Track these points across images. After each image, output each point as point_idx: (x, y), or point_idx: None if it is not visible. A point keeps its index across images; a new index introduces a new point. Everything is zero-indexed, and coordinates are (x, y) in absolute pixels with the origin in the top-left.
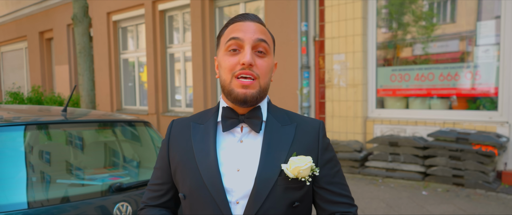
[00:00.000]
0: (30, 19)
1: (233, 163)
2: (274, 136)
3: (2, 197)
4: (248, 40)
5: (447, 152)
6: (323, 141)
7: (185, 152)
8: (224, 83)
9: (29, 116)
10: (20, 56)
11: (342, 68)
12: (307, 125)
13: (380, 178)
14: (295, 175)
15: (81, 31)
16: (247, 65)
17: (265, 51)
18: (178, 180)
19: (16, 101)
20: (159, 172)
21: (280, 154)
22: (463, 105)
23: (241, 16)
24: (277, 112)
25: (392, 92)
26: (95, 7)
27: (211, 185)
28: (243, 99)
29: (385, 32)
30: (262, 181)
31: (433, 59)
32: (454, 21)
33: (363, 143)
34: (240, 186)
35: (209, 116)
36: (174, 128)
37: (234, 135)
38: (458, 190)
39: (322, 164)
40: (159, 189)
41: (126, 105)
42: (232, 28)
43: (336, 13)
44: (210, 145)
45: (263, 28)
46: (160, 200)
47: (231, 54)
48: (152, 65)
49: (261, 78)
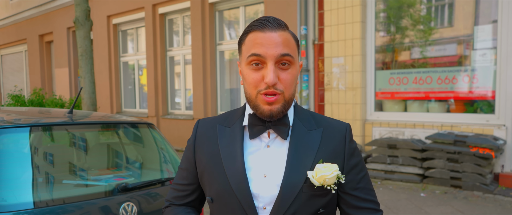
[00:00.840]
0: (30, 22)
1: (260, 169)
2: (300, 141)
3: (9, 197)
4: (270, 57)
5: (445, 154)
6: (349, 146)
7: (212, 155)
8: (250, 98)
9: (34, 118)
10: (20, 59)
11: (341, 71)
12: (333, 129)
13: (379, 180)
14: (321, 183)
15: (83, 34)
16: (270, 85)
17: (289, 62)
18: (205, 184)
19: (18, 104)
20: (185, 173)
21: (306, 160)
22: (461, 108)
23: (261, 23)
24: (304, 115)
25: (390, 95)
26: (96, 10)
27: (238, 190)
28: (269, 115)
29: (383, 36)
30: (288, 187)
31: (431, 63)
32: (452, 25)
33: (362, 145)
34: (267, 191)
35: (235, 119)
36: (200, 129)
37: (261, 140)
38: (456, 192)
39: (348, 170)
40: (185, 189)
41: (126, 108)
42: (253, 40)
43: (335, 17)
44: (237, 150)
45: (286, 36)
46: (186, 199)
47: (254, 69)
48: (152, 68)
49: (286, 92)
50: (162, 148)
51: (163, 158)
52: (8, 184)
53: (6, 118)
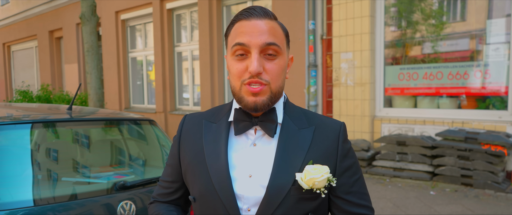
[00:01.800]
0: (40, 18)
1: (245, 168)
2: (289, 140)
3: (8, 195)
4: (255, 45)
5: (455, 152)
6: (342, 146)
7: (196, 152)
8: (234, 90)
9: (34, 114)
10: (30, 55)
11: (350, 66)
12: (326, 127)
13: (388, 177)
14: (310, 186)
15: (89, 30)
16: (254, 74)
17: (275, 53)
18: (188, 182)
19: (26, 100)
20: (170, 169)
21: (295, 160)
22: (472, 104)
23: (247, 12)
24: (295, 112)
25: (400, 91)
26: (104, 6)
27: (221, 190)
28: (254, 107)
29: (393, 31)
30: (274, 189)
31: (442, 58)
32: (464, 19)
33: (370, 142)
34: (251, 192)
35: (222, 114)
36: (186, 124)
37: (248, 138)
38: (466, 190)
39: (340, 172)
40: (169, 186)
41: (134, 104)
42: (238, 29)
43: (344, 11)
44: (221, 147)
45: (272, 25)
46: (170, 197)
47: (238, 59)
48: (160, 64)
49: (272, 83)
50: (163, 144)
51: (164, 155)
52: (7, 182)
53: (6, 114)
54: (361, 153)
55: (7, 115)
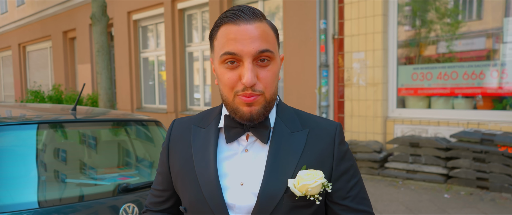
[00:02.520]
0: (54, 19)
1: (236, 176)
2: (282, 145)
3: (12, 196)
4: (247, 55)
5: (471, 154)
6: (339, 148)
7: (185, 160)
8: (226, 100)
9: (39, 115)
10: (45, 55)
11: (362, 66)
12: (321, 129)
13: (400, 179)
14: (303, 193)
15: (99, 30)
16: (248, 86)
17: (268, 58)
18: (179, 191)
19: (37, 100)
20: (160, 177)
21: (287, 166)
22: (489, 105)
23: (233, 14)
24: (287, 114)
25: (413, 92)
26: (116, 6)
27: (211, 199)
28: (249, 119)
29: (407, 30)
30: (265, 197)
31: (457, 58)
32: (481, 18)
33: (383, 143)
34: (243, 201)
35: (211, 118)
36: (174, 130)
37: (239, 144)
38: (482, 194)
39: (336, 176)
40: (161, 195)
41: (146, 104)
42: (225, 35)
43: (356, 10)
44: (210, 155)
45: (263, 28)
46: (162, 206)
47: (229, 68)
48: (171, 64)
49: (267, 92)
50: None
51: None
52: (10, 183)
53: (10, 115)
54: (373, 155)
55: (12, 116)
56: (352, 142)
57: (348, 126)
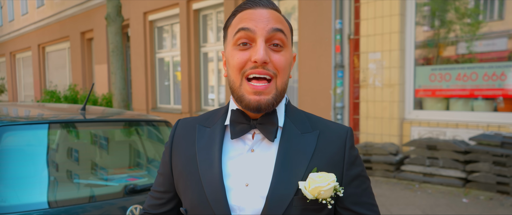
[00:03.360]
0: (73, 20)
1: (241, 176)
2: (291, 146)
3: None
4: (261, 31)
5: (491, 157)
6: (350, 153)
7: (188, 160)
8: (233, 86)
9: (47, 114)
10: (63, 56)
11: (378, 67)
12: (332, 133)
13: (417, 183)
14: (315, 196)
15: (114, 30)
16: (260, 63)
17: (282, 43)
18: (180, 192)
19: (53, 100)
20: (161, 178)
21: (297, 168)
22: (510, 107)
23: (251, 1)
24: (297, 116)
25: (431, 93)
26: (132, 7)
27: (214, 201)
28: (257, 107)
29: (426, 31)
30: (275, 200)
31: (477, 59)
32: (502, 18)
33: (399, 145)
34: (249, 204)
35: (218, 117)
36: (178, 130)
37: (245, 143)
38: (502, 199)
39: (347, 181)
40: (161, 197)
41: (161, 104)
42: (241, 17)
43: (372, 10)
44: (214, 154)
45: (278, 16)
46: (161, 209)
47: (241, 49)
48: (186, 65)
49: (278, 78)
50: None
51: None
52: (20, 183)
53: (19, 114)
54: (389, 157)
55: (21, 115)
56: (368, 144)
57: (363, 127)
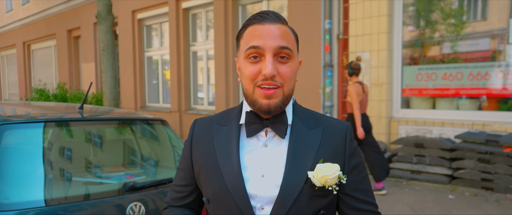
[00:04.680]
0: (59, 17)
1: (257, 168)
2: (300, 141)
3: (19, 194)
4: (269, 48)
5: (475, 155)
6: (350, 146)
7: (208, 155)
8: (247, 92)
9: (46, 113)
10: (49, 53)
11: (366, 67)
12: (333, 128)
13: (405, 180)
14: (322, 183)
15: (104, 29)
16: (269, 76)
17: (288, 56)
18: (201, 184)
19: (42, 98)
20: (182, 173)
21: (306, 160)
22: (494, 106)
23: (260, 16)
24: (303, 113)
25: (418, 92)
26: (121, 5)
27: (235, 190)
28: (267, 110)
29: (412, 30)
30: (288, 188)
31: (462, 58)
32: (485, 18)
33: (387, 143)
34: (265, 191)
35: (232, 117)
36: (196, 129)
37: (259, 139)
38: (487, 195)
39: (348, 170)
40: (183, 190)
41: (149, 103)
42: (251, 33)
43: (361, 10)
44: (233, 149)
45: (285, 29)
46: (184, 201)
47: (252, 62)
48: (175, 63)
49: (285, 86)
50: (175, 145)
51: (176, 156)
52: (18, 181)
53: (17, 113)
54: None
55: (20, 114)
56: None
57: None
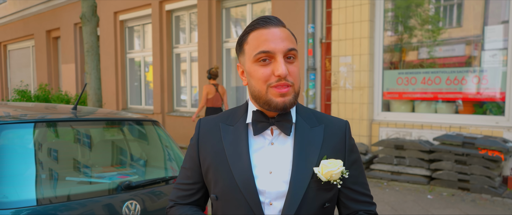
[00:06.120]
0: (38, 18)
1: (265, 166)
2: (304, 138)
3: (12, 194)
4: (279, 51)
5: (453, 156)
6: (349, 142)
7: (217, 154)
8: (259, 94)
9: (39, 114)
10: (27, 54)
11: (349, 70)
12: (334, 125)
13: (385, 181)
14: (328, 178)
15: (89, 30)
16: (283, 77)
17: (294, 56)
18: (210, 182)
19: (24, 99)
20: (189, 172)
21: (311, 156)
22: (470, 109)
23: (263, 21)
24: (305, 112)
25: (398, 96)
26: (103, 6)
27: (244, 187)
28: (283, 107)
29: (391, 35)
30: (296, 184)
31: (439, 63)
32: (461, 25)
33: (368, 145)
34: (273, 187)
35: (238, 117)
36: (202, 128)
37: (265, 138)
38: (463, 195)
39: (348, 165)
40: (190, 188)
41: (131, 105)
42: (258, 38)
43: (343, 15)
44: (243, 148)
45: (288, 33)
46: (191, 198)
47: (262, 65)
48: (158, 65)
49: (295, 84)
50: (166, 145)
51: (167, 156)
52: (11, 181)
53: (11, 113)
54: None
55: (7, 114)
56: None
57: None
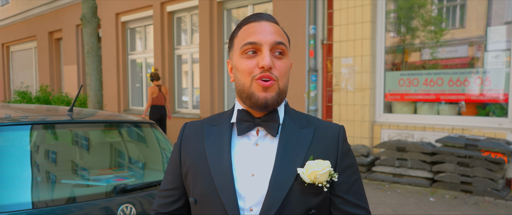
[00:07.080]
0: (40, 19)
1: (247, 167)
2: (290, 139)
3: (7, 197)
4: (266, 42)
5: (455, 158)
6: (343, 145)
7: (198, 155)
8: (243, 87)
9: (35, 115)
10: (29, 55)
11: (350, 72)
12: (326, 128)
13: (387, 183)
14: (312, 180)
15: (89, 31)
16: (266, 68)
17: (282, 52)
18: (189, 184)
19: (24, 101)
20: (170, 176)
21: (296, 157)
22: (472, 111)
23: (255, 16)
24: (295, 114)
25: (400, 97)
26: (104, 8)
27: (222, 190)
28: (264, 104)
29: (393, 37)
30: (277, 185)
31: (441, 64)
32: (464, 26)
33: (370, 147)
34: (254, 191)
35: (224, 118)
36: (186, 130)
37: (250, 138)
38: (466, 197)
39: (340, 170)
40: (171, 194)
41: (133, 106)
42: (247, 30)
43: (345, 16)
44: (224, 148)
45: (279, 29)
46: (172, 206)
47: (248, 57)
48: (160, 67)
49: (280, 80)
50: (164, 148)
51: (165, 159)
52: (6, 184)
53: (6, 115)
54: (360, 159)
55: (6, 116)
56: None
57: None
